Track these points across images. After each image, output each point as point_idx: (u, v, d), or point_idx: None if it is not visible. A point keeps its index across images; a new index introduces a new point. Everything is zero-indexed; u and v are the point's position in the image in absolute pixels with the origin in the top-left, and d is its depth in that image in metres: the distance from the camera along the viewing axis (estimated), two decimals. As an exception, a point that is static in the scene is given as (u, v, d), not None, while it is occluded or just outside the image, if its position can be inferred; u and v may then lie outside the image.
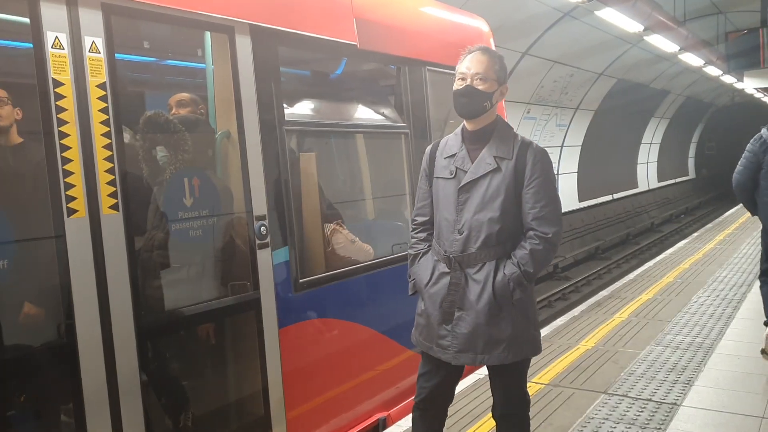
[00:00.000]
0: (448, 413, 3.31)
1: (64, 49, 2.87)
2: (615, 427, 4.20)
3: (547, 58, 15.63)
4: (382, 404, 4.65)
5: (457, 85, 3.05)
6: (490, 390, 3.21)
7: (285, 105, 4.08)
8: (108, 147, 2.99)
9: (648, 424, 4.24)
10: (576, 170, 22.08)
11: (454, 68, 3.11)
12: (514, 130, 3.11)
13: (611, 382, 4.99)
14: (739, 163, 5.29)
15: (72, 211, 2.85)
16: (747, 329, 6.24)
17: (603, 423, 4.27)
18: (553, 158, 19.54)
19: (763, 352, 5.42)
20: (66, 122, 2.84)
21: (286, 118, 3.99)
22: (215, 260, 3.78)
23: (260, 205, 3.74)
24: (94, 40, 2.98)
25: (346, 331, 4.37)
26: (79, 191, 2.87)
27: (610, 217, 24.51)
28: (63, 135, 2.83)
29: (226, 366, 3.93)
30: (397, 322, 4.69)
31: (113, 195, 3.01)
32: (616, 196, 26.26)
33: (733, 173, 5.25)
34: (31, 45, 2.81)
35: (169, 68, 4.90)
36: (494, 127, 3.08)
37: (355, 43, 4.45)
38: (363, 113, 5.12)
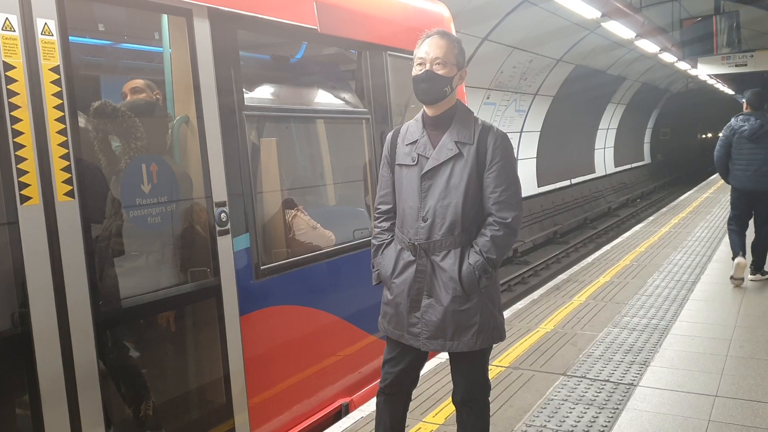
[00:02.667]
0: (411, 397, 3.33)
1: (15, 31, 2.77)
2: (574, 408, 4.27)
3: (506, 43, 15.72)
4: (345, 390, 4.66)
5: (416, 70, 3.01)
6: (451, 375, 3.23)
7: (245, 90, 4.01)
8: (62, 132, 2.90)
9: (606, 404, 4.31)
10: (535, 155, 22.32)
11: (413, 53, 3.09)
12: (475, 115, 3.09)
13: (570, 364, 5.07)
14: (718, 143, 7.52)
15: (25, 198, 2.76)
16: (701, 310, 6.40)
17: (562, 404, 4.34)
18: (513, 144, 19.76)
19: (732, 278, 7.20)
20: (18, 107, 2.75)
21: (245, 103, 3.93)
22: (174, 247, 3.71)
23: (220, 191, 3.68)
24: (46, 22, 2.88)
25: (308, 318, 4.35)
26: (32, 178, 2.79)
27: (568, 202, 24.85)
28: (15, 120, 2.74)
29: (187, 354, 3.88)
30: (359, 308, 4.70)
31: (68, 182, 2.91)
32: (574, 181, 26.65)
33: (687, 158, 6.02)
34: None
35: (126, 52, 4.76)
36: (455, 112, 3.05)
37: (315, 28, 4.38)
38: (324, 98, 5.06)
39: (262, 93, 4.48)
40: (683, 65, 22.97)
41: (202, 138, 3.63)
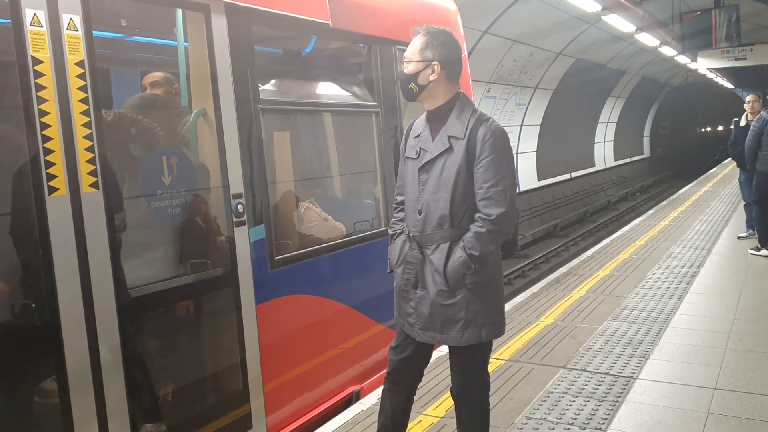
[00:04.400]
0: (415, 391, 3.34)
1: (42, 26, 2.83)
2: (574, 401, 4.29)
3: (507, 37, 15.69)
4: (356, 378, 4.73)
5: None
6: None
7: (259, 83, 4.07)
8: (87, 125, 2.97)
9: (605, 397, 4.33)
10: (535, 149, 22.31)
11: None
12: (474, 108, 3.07)
13: (570, 356, 5.09)
14: (751, 134, 8.41)
15: (53, 189, 2.84)
16: (700, 303, 6.41)
17: (562, 397, 4.36)
18: (513, 137, 19.77)
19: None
20: (45, 100, 2.82)
21: (260, 97, 4.00)
22: (194, 238, 3.77)
23: (237, 183, 3.76)
24: (71, 17, 2.95)
25: (321, 307, 4.41)
26: (59, 170, 2.86)
27: (567, 196, 24.86)
28: (43, 113, 2.81)
29: (206, 341, 3.96)
30: (369, 298, 4.77)
31: (93, 173, 3.00)
32: (573, 174, 26.64)
33: (686, 152, 6.28)
34: (8, 21, 2.77)
35: (146, 46, 4.84)
36: (452, 106, 3.06)
37: (327, 22, 4.45)
38: (335, 91, 5.14)
39: (276, 86, 4.57)
40: (683, 59, 22.94)
41: (220, 131, 3.71)
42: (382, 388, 3.32)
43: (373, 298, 4.74)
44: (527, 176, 21.53)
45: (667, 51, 20.71)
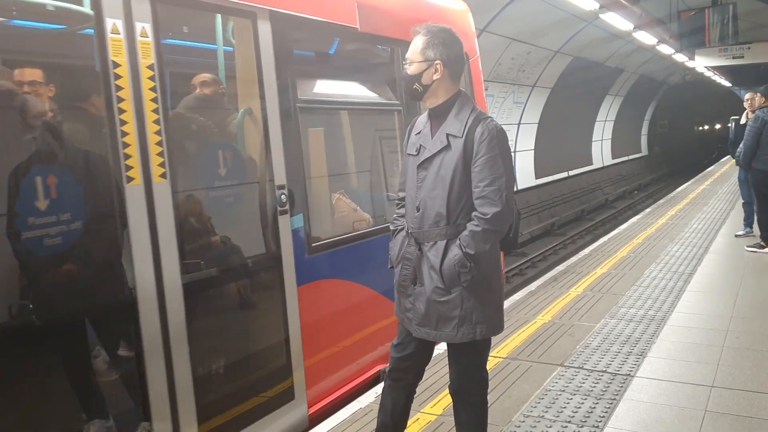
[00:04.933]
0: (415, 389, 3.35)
1: (120, 34, 3.17)
2: (571, 399, 4.30)
3: (504, 35, 15.70)
4: (381, 358, 5.00)
5: None
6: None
7: (297, 84, 4.44)
8: (156, 122, 3.31)
9: (603, 395, 4.34)
10: (533, 148, 22.33)
11: None
12: (474, 107, 3.07)
13: (567, 354, 5.10)
14: (749, 134, 8.26)
15: (130, 179, 3.20)
16: (697, 302, 6.42)
17: (560, 394, 4.37)
18: (510, 136, 19.80)
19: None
20: (123, 99, 3.16)
21: (299, 97, 4.38)
22: (245, 224, 4.20)
23: (280, 175, 4.13)
24: (143, 25, 3.29)
25: (351, 291, 4.74)
26: (135, 161, 3.21)
27: (565, 194, 24.88)
28: (121, 111, 3.15)
29: (254, 319, 4.29)
30: (392, 285, 4.97)
31: (162, 165, 3.34)
32: (571, 173, 26.67)
33: (684, 150, 6.23)
34: (92, 31, 3.14)
35: (201, 50, 5.12)
36: (453, 104, 3.07)
37: (356, 27, 4.80)
38: (362, 91, 5.54)
39: (311, 87, 4.91)
40: (680, 57, 22.96)
41: (265, 128, 4.07)
42: (383, 384, 3.32)
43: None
44: (525, 174, 21.54)
45: (665, 49, 20.72)
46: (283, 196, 4.11)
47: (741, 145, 8.76)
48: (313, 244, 4.39)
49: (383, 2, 5.27)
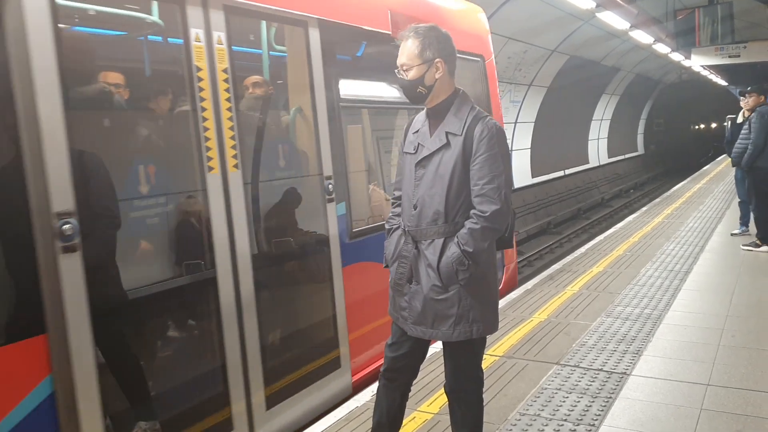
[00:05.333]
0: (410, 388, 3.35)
1: (201, 42, 3.65)
2: (567, 397, 4.30)
3: (501, 34, 15.69)
4: None
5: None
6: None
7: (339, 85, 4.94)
8: (230, 119, 3.79)
9: (599, 393, 4.35)
10: (529, 146, 22.34)
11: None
12: (473, 105, 3.08)
13: (563, 353, 5.10)
14: (762, 131, 8.18)
15: (210, 169, 3.68)
16: (693, 300, 6.44)
17: (556, 393, 4.37)
18: (507, 135, 19.82)
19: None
20: (204, 99, 3.64)
21: (341, 97, 4.87)
22: (300, 210, 4.71)
23: (328, 167, 4.64)
24: (219, 34, 3.76)
25: (385, 272, 5.12)
26: (214, 153, 3.70)
27: (561, 193, 24.89)
28: (203, 109, 3.63)
29: (307, 295, 4.79)
30: None
31: (235, 157, 3.83)
32: (567, 171, 26.70)
33: (680, 149, 6.38)
34: (181, 41, 3.60)
35: (257, 56, 5.47)
36: (451, 102, 3.07)
37: (389, 32, 5.27)
38: (395, 92, 5.87)
39: (350, 88, 5.40)
40: (677, 56, 22.97)
41: (315, 125, 4.58)
42: (377, 384, 3.32)
43: None
44: (521, 173, 21.55)
45: (661, 48, 20.74)
46: (330, 186, 4.62)
47: (738, 145, 8.73)
48: (353, 230, 4.88)
49: (412, 9, 5.81)
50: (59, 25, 2.95)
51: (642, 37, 17.67)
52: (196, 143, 3.62)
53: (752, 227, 9.22)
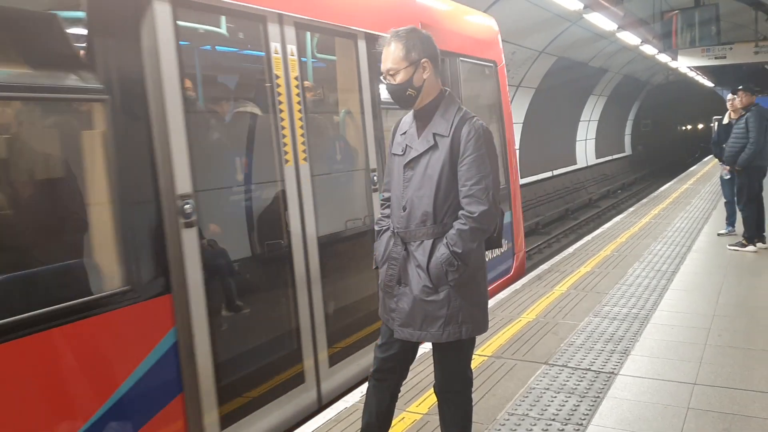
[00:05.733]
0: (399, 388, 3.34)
1: (279, 54, 4.32)
2: (555, 397, 4.31)
3: (489, 35, 15.70)
4: None
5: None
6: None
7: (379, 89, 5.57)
8: (301, 119, 4.45)
9: (587, 392, 4.36)
10: (517, 147, 22.35)
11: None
12: (459, 106, 3.08)
13: (552, 352, 5.12)
14: (759, 132, 8.21)
15: (286, 161, 4.35)
16: (680, 300, 6.47)
17: (544, 393, 4.38)
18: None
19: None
20: (281, 102, 4.32)
21: (381, 99, 5.40)
22: (353, 199, 5.38)
23: (373, 160, 5.28)
24: (291, 47, 4.41)
25: None
26: (289, 148, 4.36)
27: (549, 193, 24.98)
28: (280, 111, 4.31)
29: (357, 273, 5.25)
30: None
31: (305, 151, 4.48)
32: (555, 172, 26.80)
33: (667, 149, 6.52)
34: (263, 53, 4.29)
35: (319, 64, 6.14)
36: (438, 103, 3.07)
37: None
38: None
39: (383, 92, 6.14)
40: (664, 57, 23.12)
41: (363, 124, 5.24)
42: (366, 385, 3.32)
43: None
44: (510, 174, 21.55)
45: (648, 49, 20.86)
46: (375, 177, 5.24)
47: (732, 145, 8.62)
48: None
49: (441, 22, 6.72)
50: (181, 43, 3.63)
51: (629, 38, 17.79)
52: (276, 140, 4.29)
53: (738, 227, 9.29)
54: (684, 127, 51.41)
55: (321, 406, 4.58)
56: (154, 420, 3.35)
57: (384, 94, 5.34)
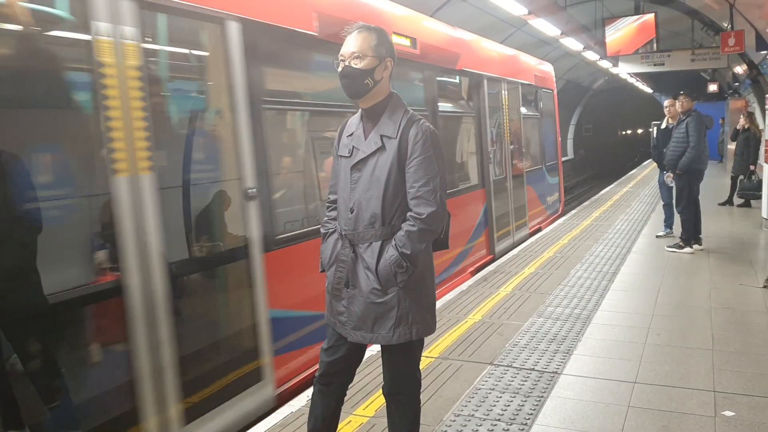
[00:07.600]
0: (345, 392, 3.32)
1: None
2: (501, 397, 4.36)
3: (435, 38, 15.80)
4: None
5: (339, 67, 3.04)
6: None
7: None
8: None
9: (531, 392, 4.42)
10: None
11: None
12: (406, 108, 3.08)
13: (497, 353, 5.17)
14: (692, 137, 8.59)
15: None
16: (621, 300, 6.63)
17: (490, 393, 4.42)
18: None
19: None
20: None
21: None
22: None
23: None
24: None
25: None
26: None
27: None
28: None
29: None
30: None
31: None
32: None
33: (608, 153, 6.86)
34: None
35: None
36: (386, 105, 3.06)
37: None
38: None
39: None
40: (605, 63, 23.63)
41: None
42: (311, 390, 3.29)
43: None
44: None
45: (590, 55, 21.30)
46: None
47: (673, 149, 8.80)
48: None
49: (540, 70, 11.14)
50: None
51: (572, 44, 18.13)
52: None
53: (676, 229, 9.56)
54: (624, 132, 52.74)
55: None
56: None
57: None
